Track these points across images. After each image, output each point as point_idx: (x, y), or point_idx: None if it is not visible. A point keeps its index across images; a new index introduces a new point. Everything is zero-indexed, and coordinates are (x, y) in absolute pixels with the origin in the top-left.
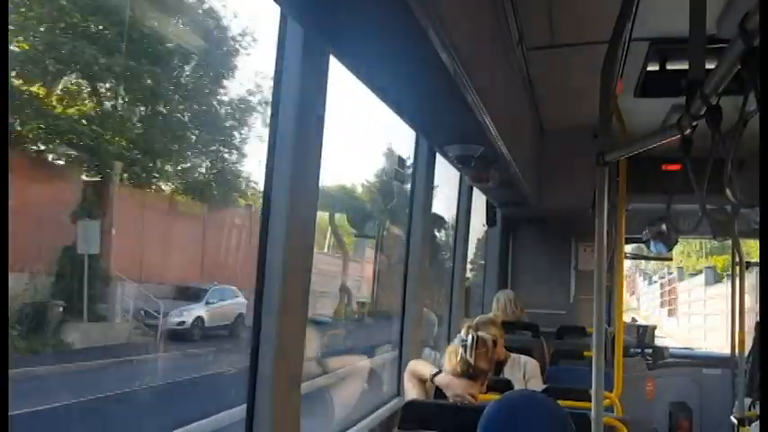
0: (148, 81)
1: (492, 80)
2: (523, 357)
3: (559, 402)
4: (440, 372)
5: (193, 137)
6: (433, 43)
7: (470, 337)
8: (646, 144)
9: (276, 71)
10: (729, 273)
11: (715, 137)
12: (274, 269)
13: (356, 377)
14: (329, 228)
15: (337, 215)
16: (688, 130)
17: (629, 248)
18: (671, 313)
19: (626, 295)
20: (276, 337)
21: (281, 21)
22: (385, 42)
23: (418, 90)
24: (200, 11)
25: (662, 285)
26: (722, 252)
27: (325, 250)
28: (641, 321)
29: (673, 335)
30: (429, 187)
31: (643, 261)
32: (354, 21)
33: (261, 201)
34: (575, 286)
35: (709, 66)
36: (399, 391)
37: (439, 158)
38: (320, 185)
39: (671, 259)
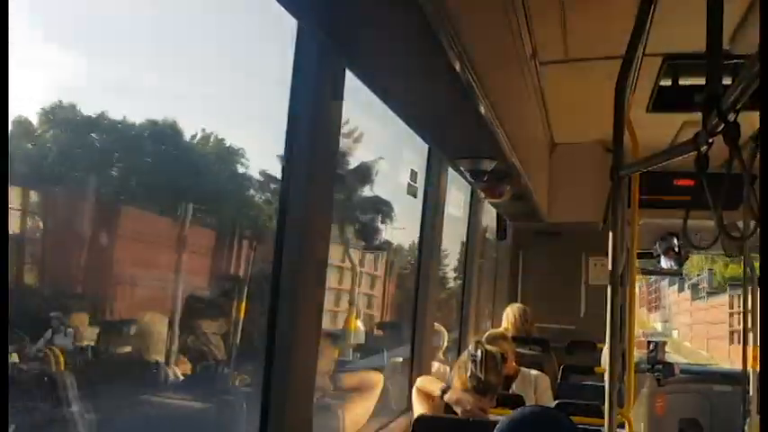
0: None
1: (505, 94)
2: (534, 372)
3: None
4: (448, 388)
5: None
6: (449, 56)
7: (480, 351)
8: (661, 160)
9: (292, 84)
10: None
11: (732, 152)
12: (288, 281)
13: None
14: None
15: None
16: (704, 147)
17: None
18: None
19: (642, 311)
20: (289, 349)
21: (297, 34)
22: (400, 55)
23: (432, 103)
24: None
25: (732, 299)
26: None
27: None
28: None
29: None
30: (441, 202)
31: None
32: (371, 34)
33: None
34: (585, 301)
35: (725, 81)
36: (409, 405)
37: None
38: None
39: (681, 275)
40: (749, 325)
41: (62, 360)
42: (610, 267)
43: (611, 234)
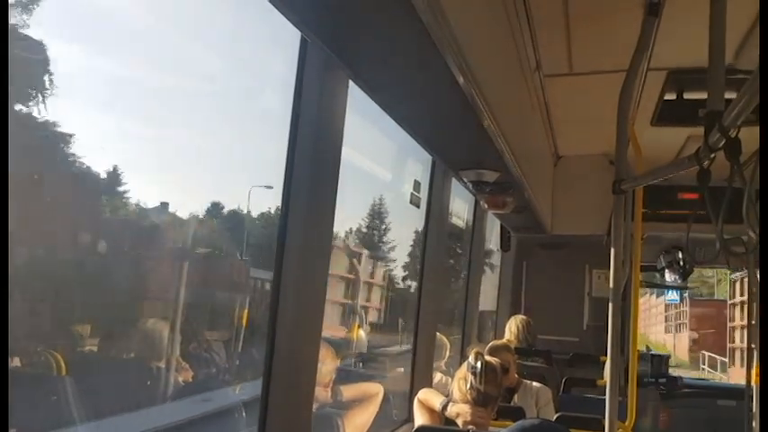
0: None
1: (509, 106)
2: (536, 384)
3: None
4: (449, 403)
5: None
6: (452, 69)
7: (479, 363)
8: (663, 174)
9: (295, 95)
10: None
11: (733, 167)
12: (289, 290)
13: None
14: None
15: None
16: (706, 162)
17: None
18: None
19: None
20: (288, 361)
21: (301, 45)
22: (403, 67)
23: (435, 115)
24: None
25: None
26: None
27: None
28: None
29: None
30: (444, 212)
31: None
32: (373, 46)
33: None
34: (588, 313)
35: (728, 96)
36: (410, 416)
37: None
38: None
39: (686, 288)
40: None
41: None
42: (611, 280)
43: (613, 247)
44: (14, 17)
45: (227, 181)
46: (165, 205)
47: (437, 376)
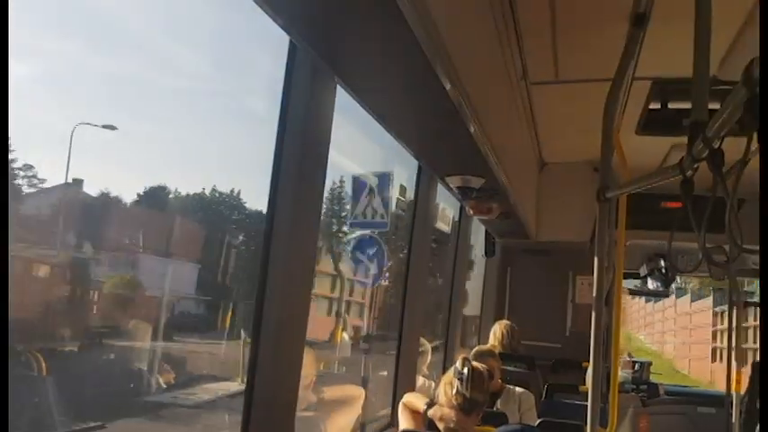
0: None
1: (495, 113)
2: (518, 389)
3: None
4: (433, 403)
5: None
6: (438, 75)
7: (466, 369)
8: (647, 183)
9: (283, 99)
10: None
11: (716, 177)
12: (274, 294)
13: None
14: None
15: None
16: (689, 172)
17: (626, 283)
18: None
19: None
20: (272, 362)
21: (289, 50)
22: (391, 73)
23: (422, 120)
24: None
25: None
26: None
27: None
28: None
29: None
30: (430, 217)
31: None
32: (361, 51)
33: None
34: (571, 319)
35: (712, 106)
36: (393, 420)
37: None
38: None
39: (667, 295)
40: (733, 346)
41: None
42: (595, 287)
43: (596, 254)
44: None
45: None
46: None
47: (419, 380)
